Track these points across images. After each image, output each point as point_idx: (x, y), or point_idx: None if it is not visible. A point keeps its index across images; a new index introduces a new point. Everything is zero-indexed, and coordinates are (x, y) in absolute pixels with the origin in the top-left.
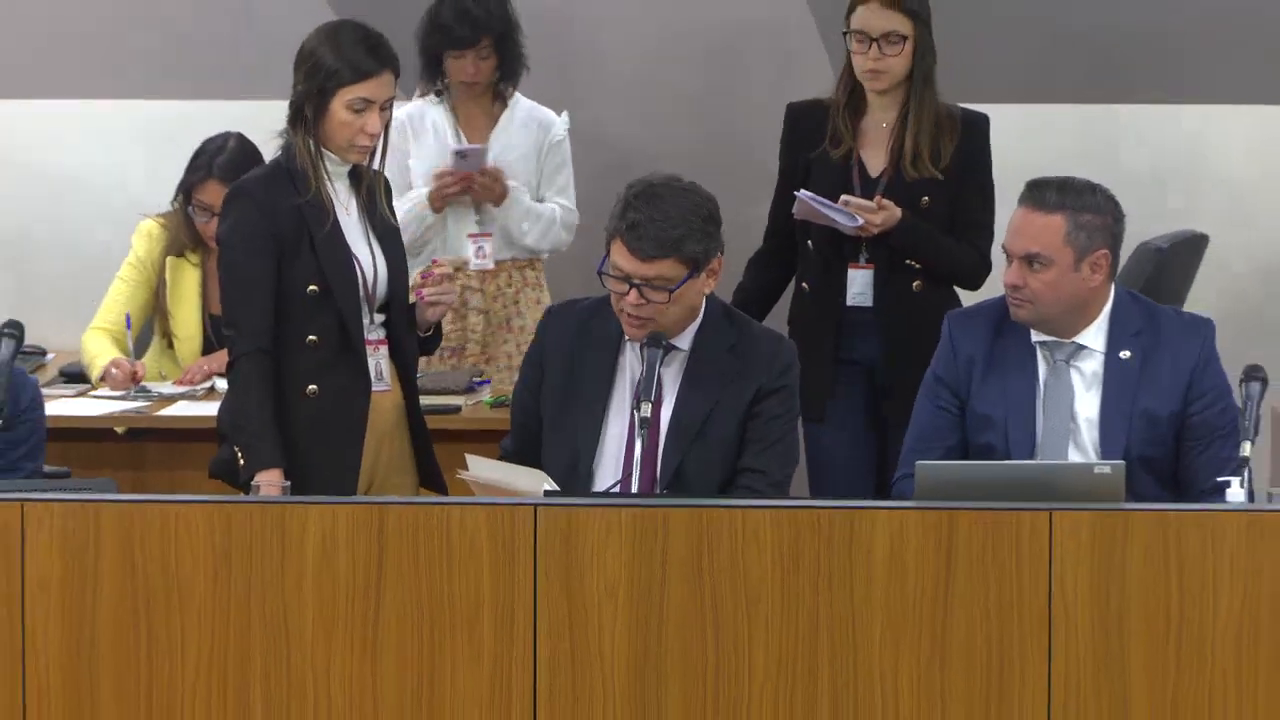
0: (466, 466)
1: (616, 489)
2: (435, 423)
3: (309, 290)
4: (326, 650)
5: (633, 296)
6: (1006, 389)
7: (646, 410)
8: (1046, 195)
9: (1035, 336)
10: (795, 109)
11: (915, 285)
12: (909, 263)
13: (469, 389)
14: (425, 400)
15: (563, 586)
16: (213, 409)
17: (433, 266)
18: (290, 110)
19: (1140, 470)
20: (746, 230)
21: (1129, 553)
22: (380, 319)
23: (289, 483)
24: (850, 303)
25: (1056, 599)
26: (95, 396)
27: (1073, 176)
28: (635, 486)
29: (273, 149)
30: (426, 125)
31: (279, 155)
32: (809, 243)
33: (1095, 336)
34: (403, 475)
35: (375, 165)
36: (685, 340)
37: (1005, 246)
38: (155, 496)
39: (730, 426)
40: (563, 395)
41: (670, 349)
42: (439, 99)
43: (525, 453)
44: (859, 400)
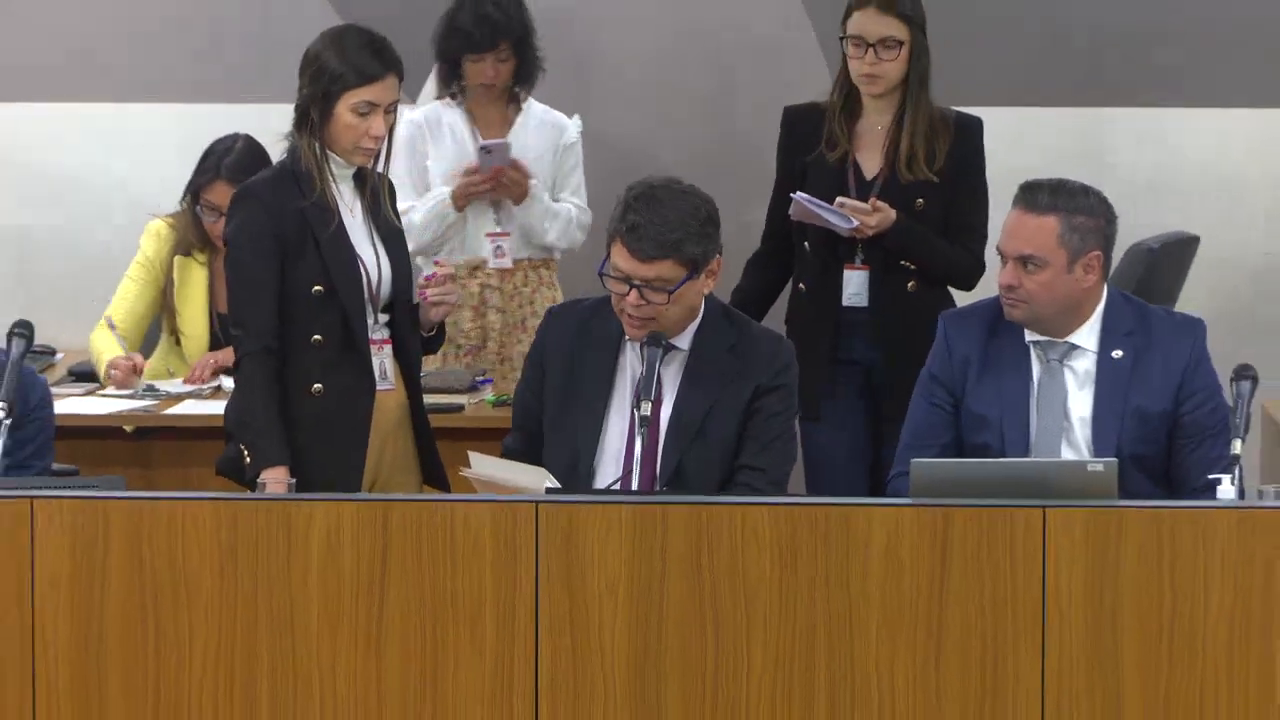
0: (469, 464)
1: (617, 486)
2: (438, 421)
3: (314, 290)
4: (331, 645)
5: (633, 297)
6: (1001, 388)
7: (646, 409)
8: (1040, 197)
9: (1029, 336)
10: (792, 112)
11: (910, 286)
12: (904, 264)
13: (472, 387)
14: (429, 399)
15: (564, 582)
16: (219, 407)
17: (436, 267)
18: (296, 113)
19: (1132, 468)
20: (748, 232)
21: (1122, 549)
22: (384, 319)
23: (294, 480)
24: (846, 303)
25: (1050, 595)
26: (103, 395)
27: (1066, 179)
28: (635, 484)
29: (279, 152)
30: (443, 127)
31: (285, 158)
32: (805, 244)
33: (1088, 336)
34: (406, 473)
35: (379, 168)
36: (685, 340)
37: (1000, 248)
38: (163, 494)
39: (729, 425)
40: (563, 395)
41: (670, 348)
42: (455, 102)
43: (527, 451)
44: (855, 399)
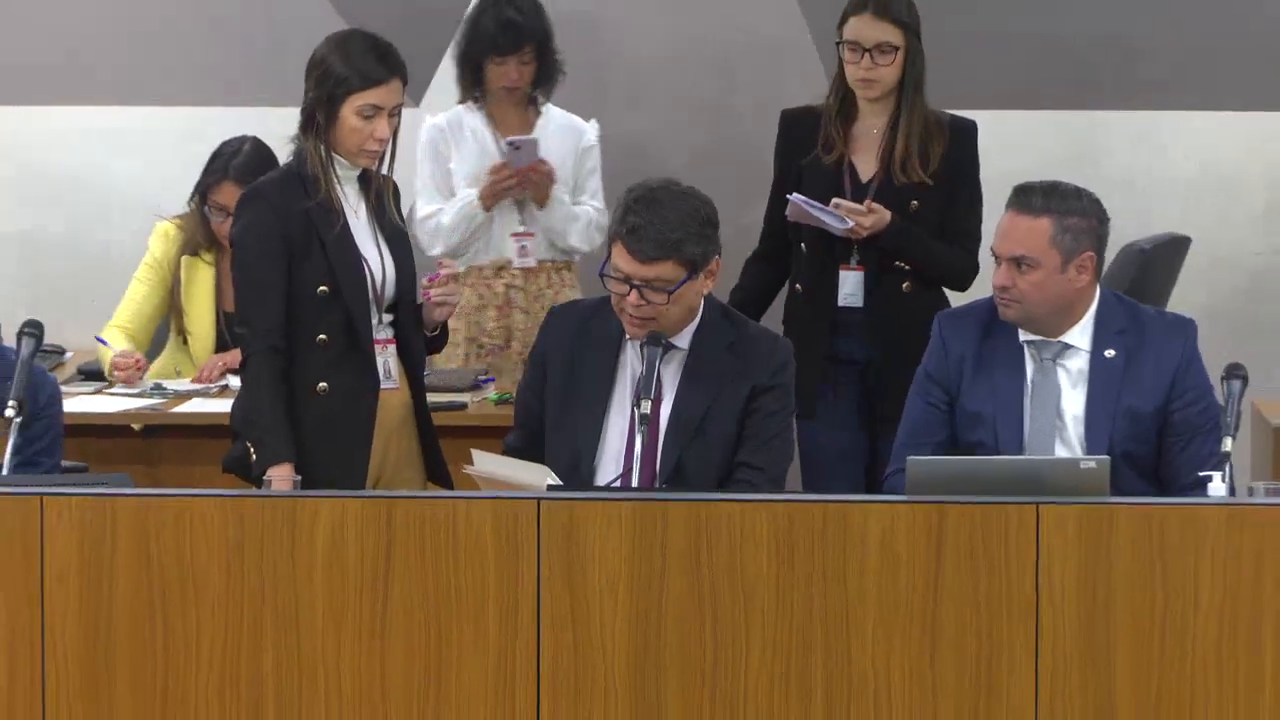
0: (472, 461)
1: (617, 484)
2: (442, 419)
3: (319, 291)
4: (336, 640)
5: (633, 297)
6: (995, 387)
7: (646, 407)
8: (1034, 199)
9: (1023, 336)
10: (789, 116)
11: (905, 286)
12: (899, 265)
13: (474, 386)
14: (432, 397)
15: (565, 578)
16: (225, 406)
17: (438, 268)
18: (302, 116)
19: (1124, 465)
20: (747, 233)
21: (1114, 545)
22: (388, 319)
23: (300, 477)
24: (841, 303)
25: (1044, 590)
26: (112, 394)
27: (1059, 181)
28: (635, 481)
29: (286, 154)
30: (465, 131)
31: (291, 160)
32: (801, 245)
33: (1081, 336)
34: (410, 470)
35: (384, 170)
36: (684, 339)
37: (994, 249)
38: (170, 491)
39: (728, 423)
40: (564, 394)
41: (669, 348)
42: (476, 106)
43: (529, 449)
44: (851, 398)
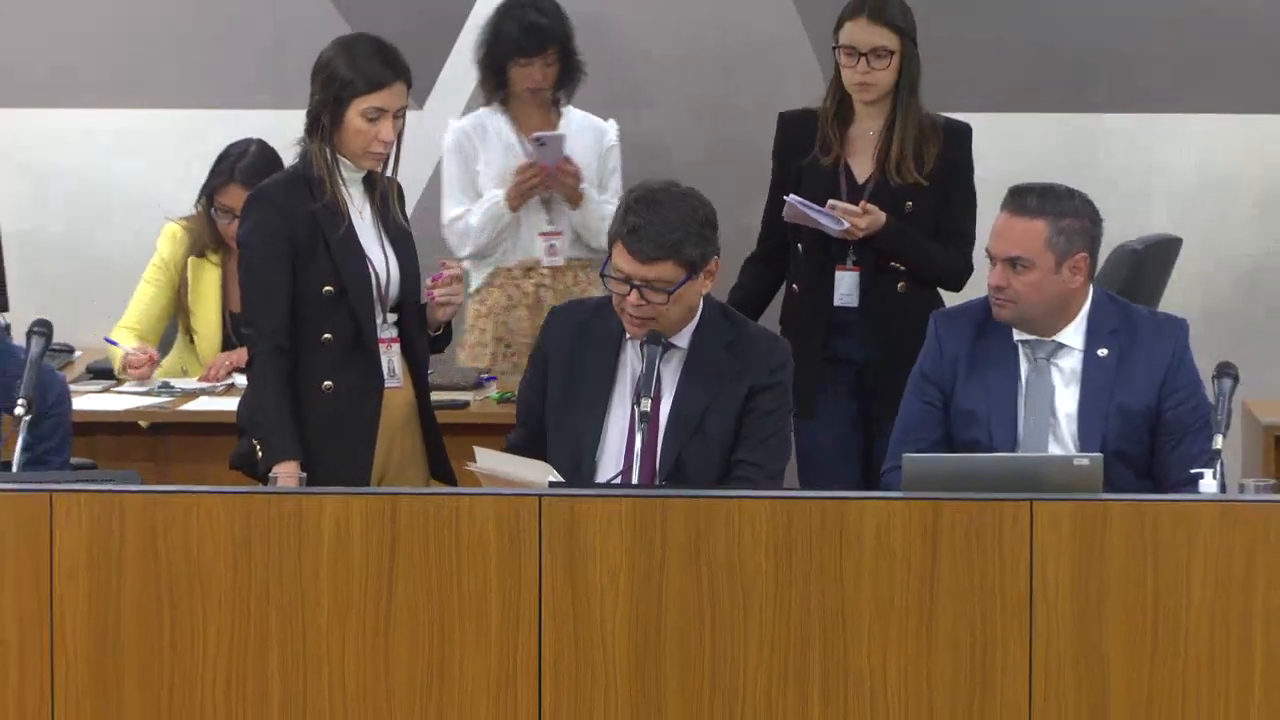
0: (475, 459)
1: (618, 481)
2: (445, 417)
3: (324, 291)
4: (341, 635)
5: (633, 297)
6: (989, 385)
7: (646, 405)
8: (1028, 201)
9: (1017, 335)
10: (786, 118)
11: (900, 286)
12: (894, 265)
13: (477, 385)
14: (435, 396)
15: (566, 574)
16: (232, 404)
17: (442, 268)
18: (307, 119)
19: (1117, 463)
20: (746, 233)
21: (1107, 542)
22: (392, 318)
23: (305, 474)
24: (838, 303)
25: (1037, 586)
26: (120, 392)
27: (1054, 183)
28: (635, 478)
29: (291, 156)
30: (490, 133)
31: (297, 162)
32: (798, 245)
33: (1074, 335)
34: (414, 468)
35: (389, 171)
36: (684, 338)
37: (989, 250)
38: (177, 488)
39: (727, 421)
40: (564, 396)
41: (669, 347)
42: (499, 108)
43: (531, 447)
44: (847, 397)
